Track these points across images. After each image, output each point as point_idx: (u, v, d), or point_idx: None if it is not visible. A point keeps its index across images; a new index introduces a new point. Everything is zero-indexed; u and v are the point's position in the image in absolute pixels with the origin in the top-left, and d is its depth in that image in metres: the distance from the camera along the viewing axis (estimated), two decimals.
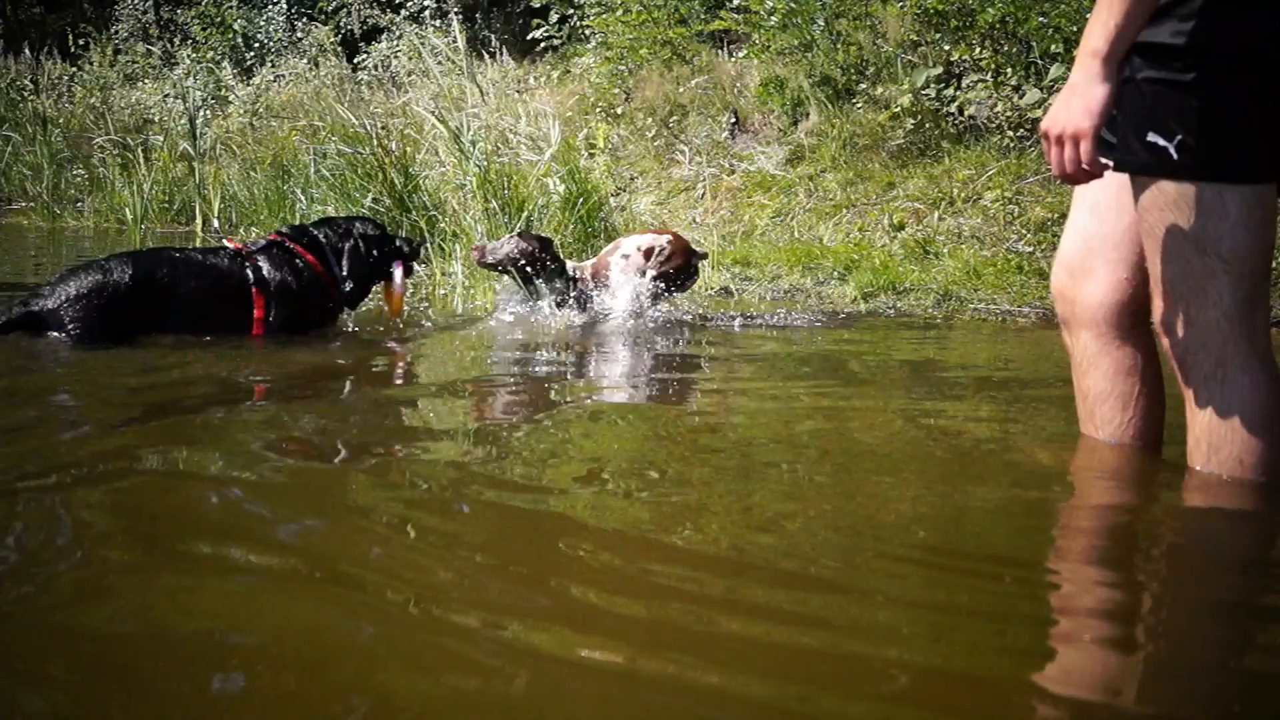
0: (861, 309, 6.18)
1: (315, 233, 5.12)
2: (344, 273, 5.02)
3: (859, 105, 8.75)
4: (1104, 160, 2.39)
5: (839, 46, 9.20)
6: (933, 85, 8.29)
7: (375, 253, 5.14)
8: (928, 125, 8.24)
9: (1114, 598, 2.11)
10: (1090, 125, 2.31)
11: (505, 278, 5.64)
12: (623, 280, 5.45)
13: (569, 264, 5.65)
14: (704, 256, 5.85)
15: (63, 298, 4.41)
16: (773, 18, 9.53)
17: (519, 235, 5.66)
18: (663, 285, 5.45)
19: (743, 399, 3.83)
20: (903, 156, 8.17)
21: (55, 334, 4.35)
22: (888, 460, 2.93)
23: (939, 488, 2.68)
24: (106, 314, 4.42)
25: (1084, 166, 2.35)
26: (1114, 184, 2.56)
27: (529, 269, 5.46)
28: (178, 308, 4.61)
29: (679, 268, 5.50)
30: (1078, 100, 2.33)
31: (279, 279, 4.86)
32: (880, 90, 8.59)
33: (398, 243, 5.34)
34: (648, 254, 5.46)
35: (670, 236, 5.59)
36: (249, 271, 4.80)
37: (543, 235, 5.74)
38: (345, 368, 4.40)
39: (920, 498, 2.60)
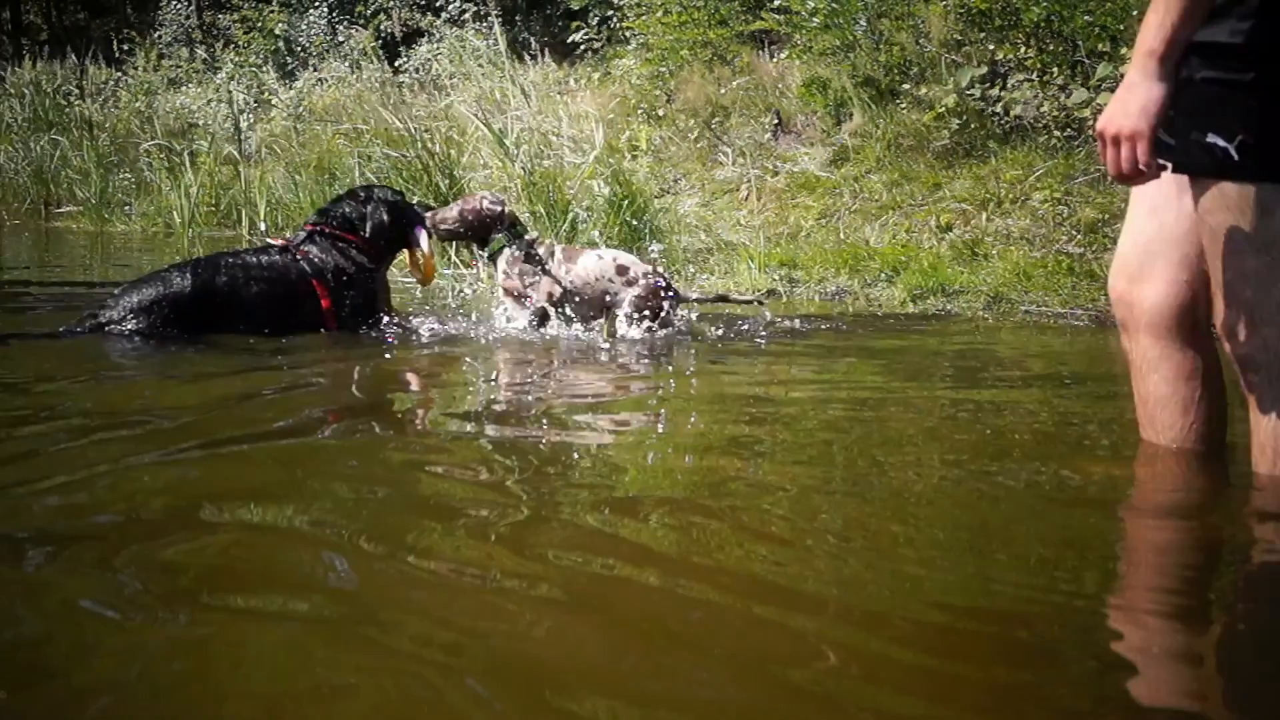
0: (912, 310, 6.18)
1: (343, 210, 5.16)
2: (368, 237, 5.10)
3: (903, 106, 8.74)
4: (1161, 161, 2.36)
5: (881, 47, 9.19)
6: (977, 85, 8.26)
7: (396, 217, 5.17)
8: (973, 125, 8.21)
9: (1184, 608, 2.07)
10: (1147, 126, 2.29)
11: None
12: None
13: (551, 245, 5.24)
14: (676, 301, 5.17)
15: (127, 309, 4.51)
16: (814, 18, 9.53)
17: (466, 196, 5.48)
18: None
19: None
20: (948, 157, 8.15)
21: (123, 345, 4.42)
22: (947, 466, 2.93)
23: (999, 495, 2.68)
24: (171, 323, 4.51)
25: (1141, 168, 2.32)
26: (1172, 185, 2.53)
27: (479, 229, 5.19)
28: (241, 311, 4.67)
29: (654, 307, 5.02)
30: (1134, 100, 2.30)
31: (334, 265, 4.93)
32: (924, 90, 8.57)
33: (415, 206, 5.39)
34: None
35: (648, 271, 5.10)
36: (304, 264, 4.87)
37: (495, 194, 5.44)
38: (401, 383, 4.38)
39: (982, 505, 2.59)
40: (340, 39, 15.92)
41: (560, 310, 5.06)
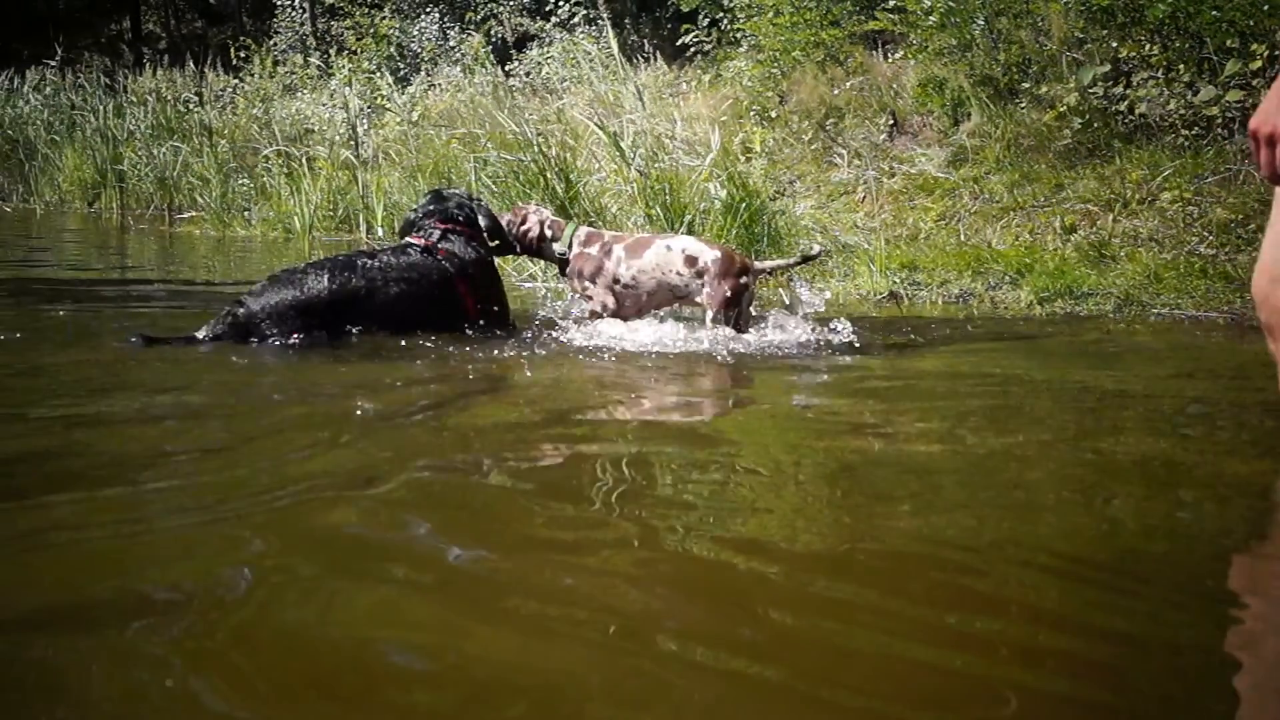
0: (1038, 313, 6.11)
1: (458, 211, 5.23)
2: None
3: (1023, 105, 8.63)
4: None
5: (1000, 45, 9.09)
6: (1100, 83, 8.12)
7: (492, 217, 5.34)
8: (1096, 125, 8.08)
9: None
10: None
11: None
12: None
13: (609, 242, 5.25)
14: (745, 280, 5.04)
15: (265, 307, 4.62)
16: (931, 17, 9.45)
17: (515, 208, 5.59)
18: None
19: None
20: (1071, 157, 8.03)
21: (260, 341, 4.56)
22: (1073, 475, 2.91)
23: (1141, 502, 2.66)
24: (308, 322, 4.61)
25: None
26: None
27: (522, 240, 5.39)
28: (380, 311, 4.76)
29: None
30: None
31: (474, 263, 5.03)
32: (1045, 89, 8.46)
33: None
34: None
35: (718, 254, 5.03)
36: (447, 264, 4.95)
37: (537, 207, 5.56)
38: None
39: (1122, 516, 2.57)
40: (452, 44, 16.14)
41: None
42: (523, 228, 5.37)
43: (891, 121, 9.52)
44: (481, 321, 5.00)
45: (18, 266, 8.28)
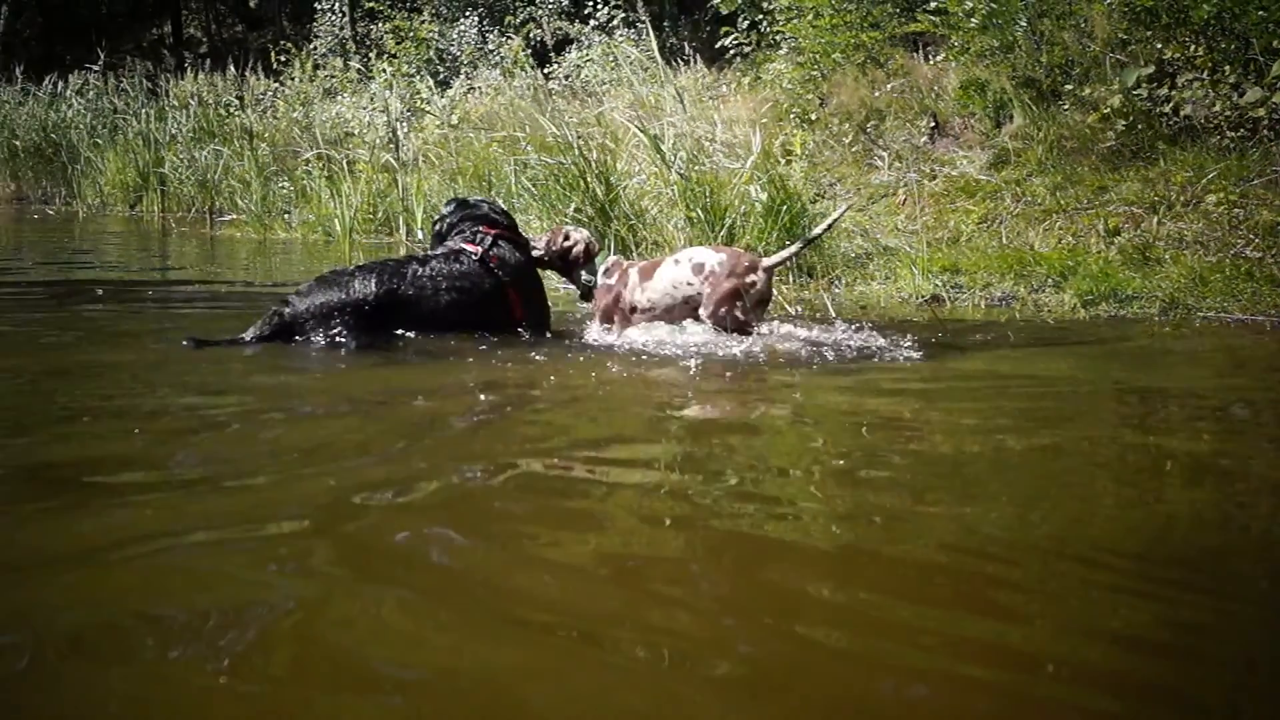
0: (1082, 317, 6.07)
1: (499, 216, 5.29)
2: None
3: (1066, 107, 8.58)
4: None
5: (1043, 47, 9.04)
6: (1144, 85, 8.07)
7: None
8: (1140, 126, 8.02)
9: None
10: None
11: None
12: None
13: (627, 270, 5.31)
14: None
15: (311, 307, 4.65)
16: (973, 19, 9.41)
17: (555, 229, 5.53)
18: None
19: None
20: (1114, 159, 7.97)
21: (307, 341, 4.61)
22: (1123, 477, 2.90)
23: (1193, 500, 2.65)
24: (352, 325, 4.63)
25: None
26: None
27: (559, 259, 5.38)
28: (429, 318, 4.80)
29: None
30: None
31: (522, 269, 5.06)
32: (1088, 91, 8.41)
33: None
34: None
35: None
36: (500, 272, 4.97)
37: (578, 229, 5.53)
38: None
39: (1176, 512, 2.57)
40: (490, 47, 16.20)
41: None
42: (565, 243, 5.38)
43: (932, 124, 9.49)
44: (522, 327, 5.04)
45: (63, 268, 8.40)
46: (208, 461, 2.88)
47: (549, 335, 5.10)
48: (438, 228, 5.37)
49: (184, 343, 4.49)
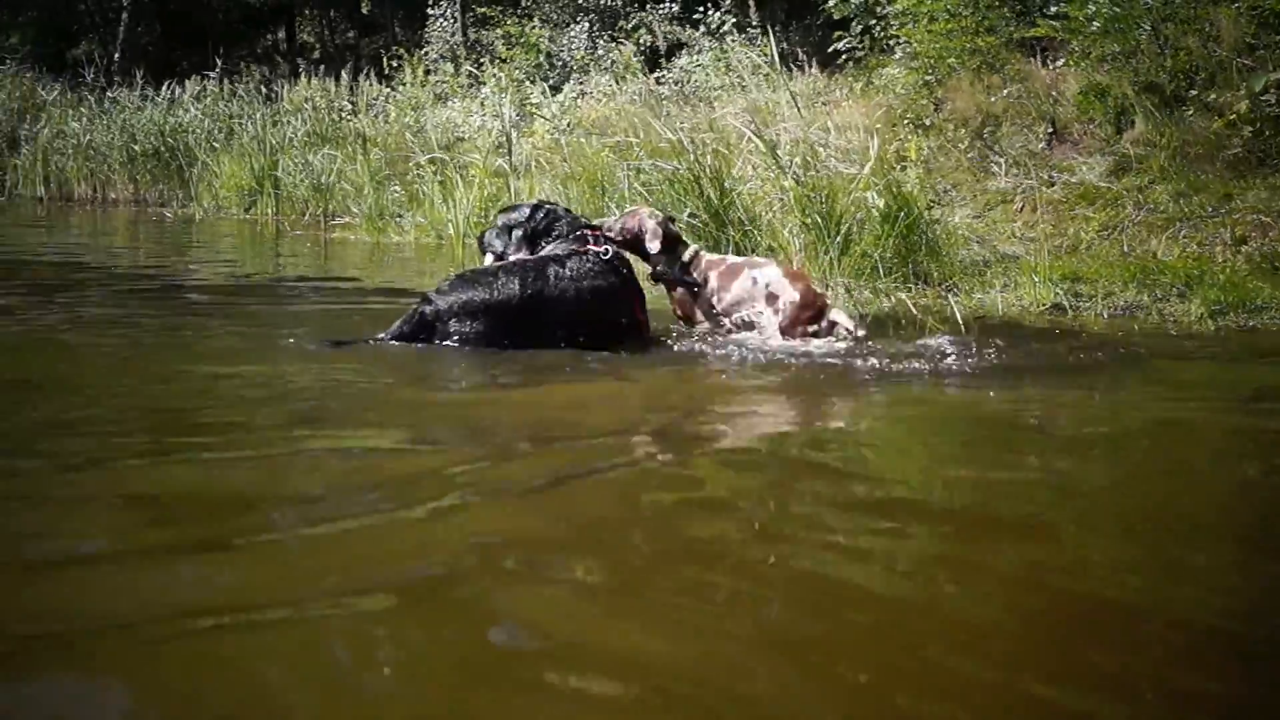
0: (1210, 328, 5.98)
1: (578, 216, 5.32)
2: None
3: (1190, 113, 8.43)
4: None
5: (1167, 52, 8.89)
6: (1272, 90, 7.91)
7: None
8: (1267, 133, 7.86)
9: None
10: None
11: None
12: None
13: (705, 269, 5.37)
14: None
15: (454, 305, 4.62)
16: (1094, 23, 9.28)
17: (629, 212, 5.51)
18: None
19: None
20: (1240, 166, 7.83)
21: (448, 341, 4.59)
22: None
23: None
24: (494, 325, 4.59)
25: None
26: None
27: (633, 243, 5.31)
28: (569, 320, 4.74)
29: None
30: None
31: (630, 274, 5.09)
32: (1214, 96, 8.26)
33: None
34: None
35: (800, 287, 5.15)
36: (625, 271, 5.01)
37: (651, 211, 5.46)
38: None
39: None
40: (601, 52, 16.33)
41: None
42: (638, 228, 5.31)
43: (1050, 129, 9.39)
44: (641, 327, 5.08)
45: (184, 270, 8.68)
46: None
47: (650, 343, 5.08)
48: (520, 231, 5.22)
49: (323, 343, 4.55)
